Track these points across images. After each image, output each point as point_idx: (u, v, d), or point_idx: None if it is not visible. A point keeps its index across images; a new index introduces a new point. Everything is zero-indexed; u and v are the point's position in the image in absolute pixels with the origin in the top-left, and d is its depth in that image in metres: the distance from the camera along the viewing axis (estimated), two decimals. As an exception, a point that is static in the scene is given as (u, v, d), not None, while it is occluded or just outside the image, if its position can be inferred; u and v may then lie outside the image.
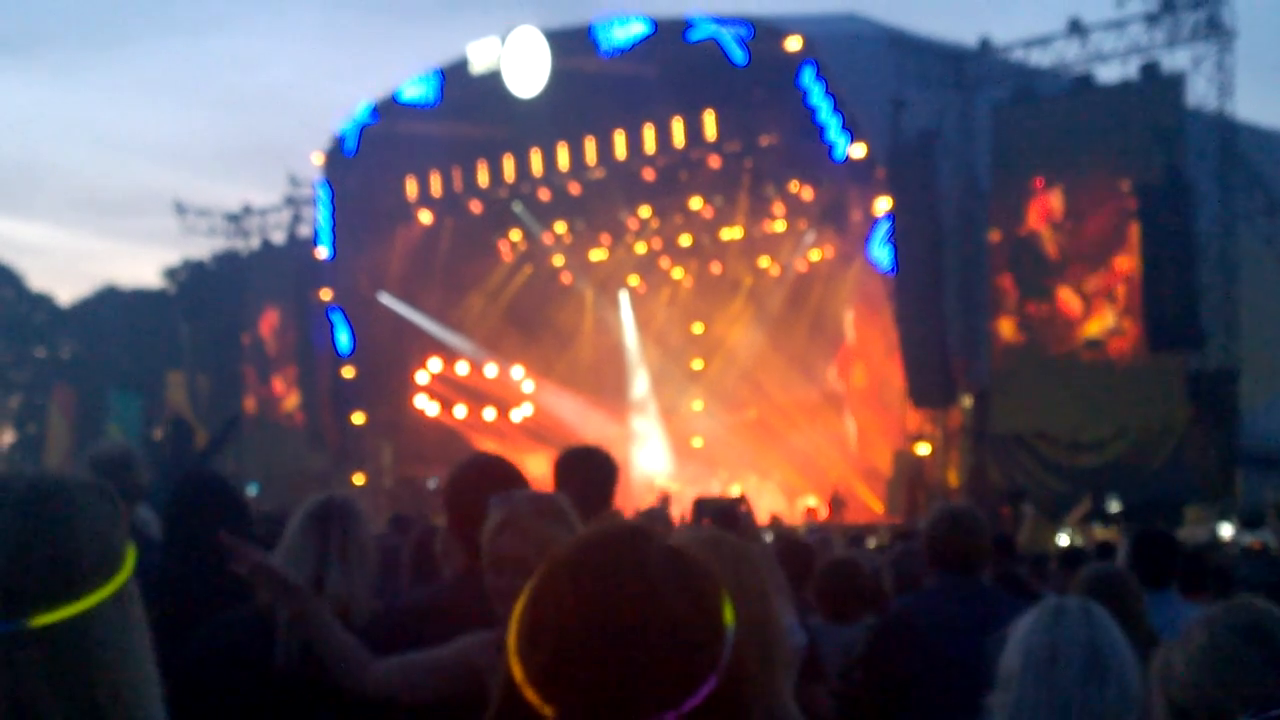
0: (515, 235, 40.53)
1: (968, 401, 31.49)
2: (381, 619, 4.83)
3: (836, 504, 33.08)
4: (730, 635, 2.05)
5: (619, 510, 6.42)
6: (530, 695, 1.98)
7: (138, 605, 2.36)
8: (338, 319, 39.87)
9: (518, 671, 2.00)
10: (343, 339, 39.95)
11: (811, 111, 30.86)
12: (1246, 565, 15.23)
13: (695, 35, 32.39)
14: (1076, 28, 30.44)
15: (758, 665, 3.64)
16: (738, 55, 31.69)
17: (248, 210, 46.19)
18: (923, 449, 31.88)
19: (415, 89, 37.26)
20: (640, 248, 39.44)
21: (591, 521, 6.36)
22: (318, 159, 39.97)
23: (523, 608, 2.05)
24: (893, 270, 30.61)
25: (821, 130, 30.88)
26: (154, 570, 5.93)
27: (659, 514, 10.27)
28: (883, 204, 30.79)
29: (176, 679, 2.23)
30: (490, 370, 41.29)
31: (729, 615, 2.06)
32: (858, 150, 30.69)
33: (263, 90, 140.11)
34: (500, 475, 4.92)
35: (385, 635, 4.50)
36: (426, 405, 41.34)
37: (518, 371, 41.34)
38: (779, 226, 36.89)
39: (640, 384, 41.36)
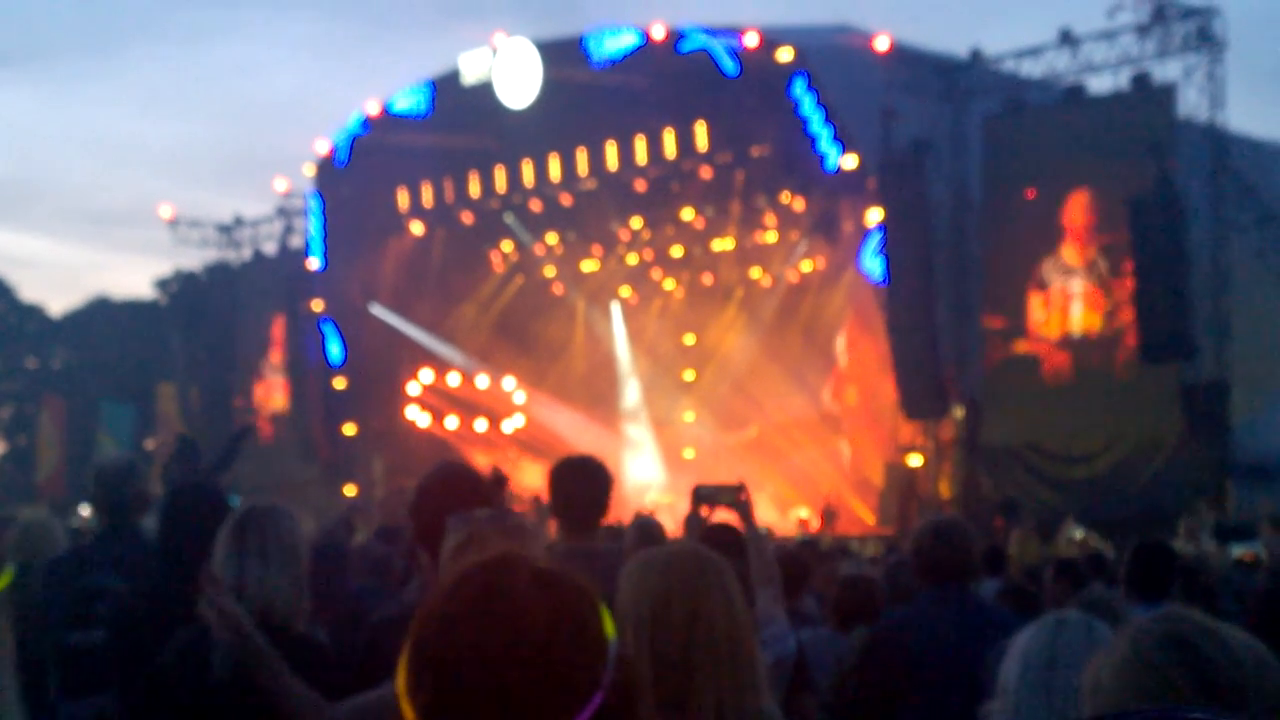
0: (507, 246, 40.51)
1: (959, 413, 31.50)
2: (378, 625, 4.86)
3: (829, 515, 33.05)
4: (613, 650, 2.06)
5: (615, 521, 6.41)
6: None
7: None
8: (329, 330, 39.83)
9: (407, 712, 2.03)
10: (334, 350, 39.91)
11: (803, 122, 30.89)
12: (1238, 577, 15.24)
13: (686, 46, 32.41)
14: (1067, 38, 30.46)
15: (716, 672, 3.65)
16: (729, 66, 31.72)
17: (239, 221, 46.17)
18: (915, 460, 31.87)
19: (407, 100, 37.26)
20: (632, 259, 39.46)
21: (588, 531, 6.35)
22: (309, 170, 39.94)
23: (406, 650, 2.08)
24: (884, 281, 30.62)
25: (813, 141, 30.91)
26: (148, 579, 5.94)
27: (647, 523, 10.22)
28: (874, 215, 30.81)
29: (136, 692, 2.23)
30: (482, 381, 41.28)
31: (609, 629, 2.07)
32: (849, 161, 30.71)
33: (255, 101, 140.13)
34: (464, 486, 4.91)
35: (385, 639, 4.53)
36: (418, 416, 41.32)
37: (509, 382, 41.32)
38: (770, 237, 36.88)
39: (632, 395, 41.37)
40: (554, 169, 35.86)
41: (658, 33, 32.82)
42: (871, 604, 8.63)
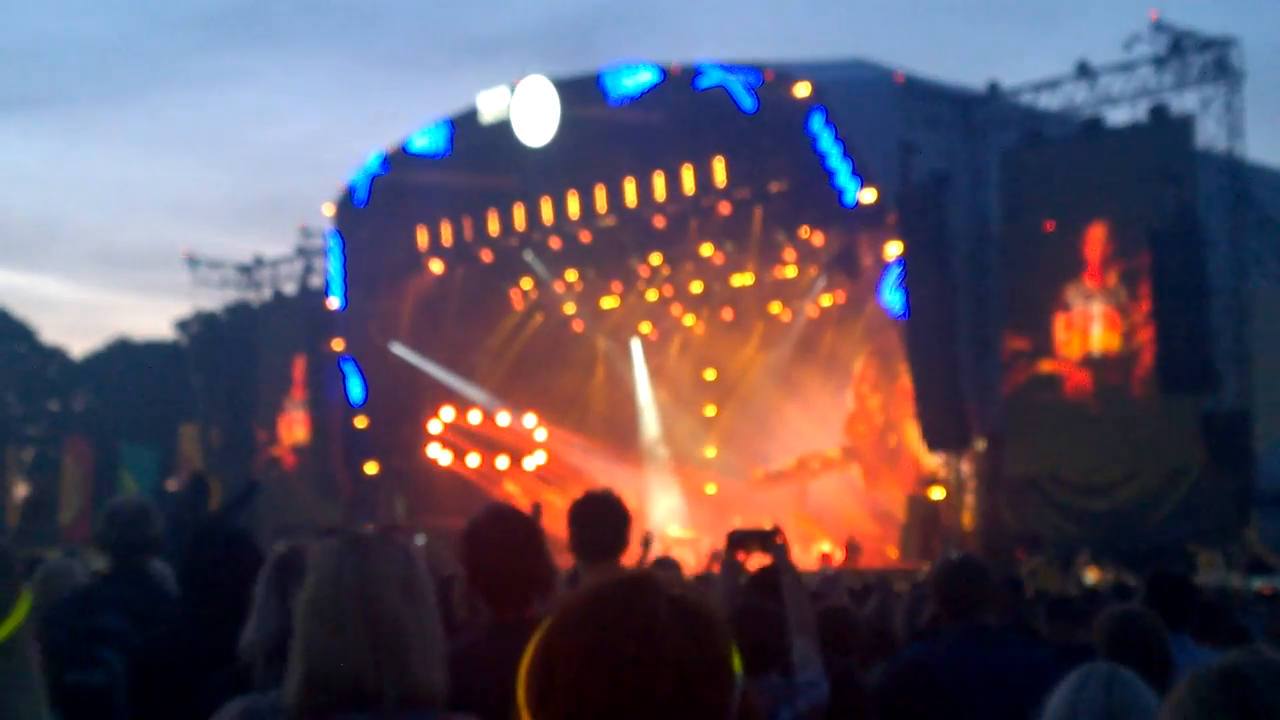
0: (526, 284, 40.57)
1: (981, 445, 31.44)
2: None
3: (852, 549, 32.97)
4: (739, 681, 2.05)
5: (622, 563, 6.41)
6: None
7: (22, 664, 2.28)
8: (350, 369, 39.88)
9: None
10: (355, 389, 39.96)
11: (821, 157, 30.91)
12: (1262, 610, 15.17)
13: (704, 83, 32.47)
14: (1085, 70, 30.49)
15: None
16: (746, 102, 31.78)
17: (259, 261, 46.34)
18: (937, 493, 31.81)
19: (425, 139, 37.38)
20: (651, 295, 39.48)
21: (603, 568, 6.35)
22: (328, 210, 40.05)
23: (530, 663, 2.05)
24: (905, 315, 30.58)
25: (831, 176, 30.93)
26: (168, 622, 5.93)
27: (669, 562, 10.23)
28: (894, 248, 30.80)
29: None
30: (503, 419, 41.27)
31: (737, 661, 2.06)
32: (868, 195, 30.72)
33: (274, 143, 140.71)
34: (519, 530, 4.90)
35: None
36: (439, 454, 41.32)
37: (530, 420, 41.30)
38: (790, 272, 36.88)
39: (652, 431, 41.32)
40: (573, 206, 35.93)
41: (675, 70, 32.92)
42: (849, 635, 8.52)
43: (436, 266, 39.96)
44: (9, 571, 2.26)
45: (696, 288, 38.78)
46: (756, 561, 6.85)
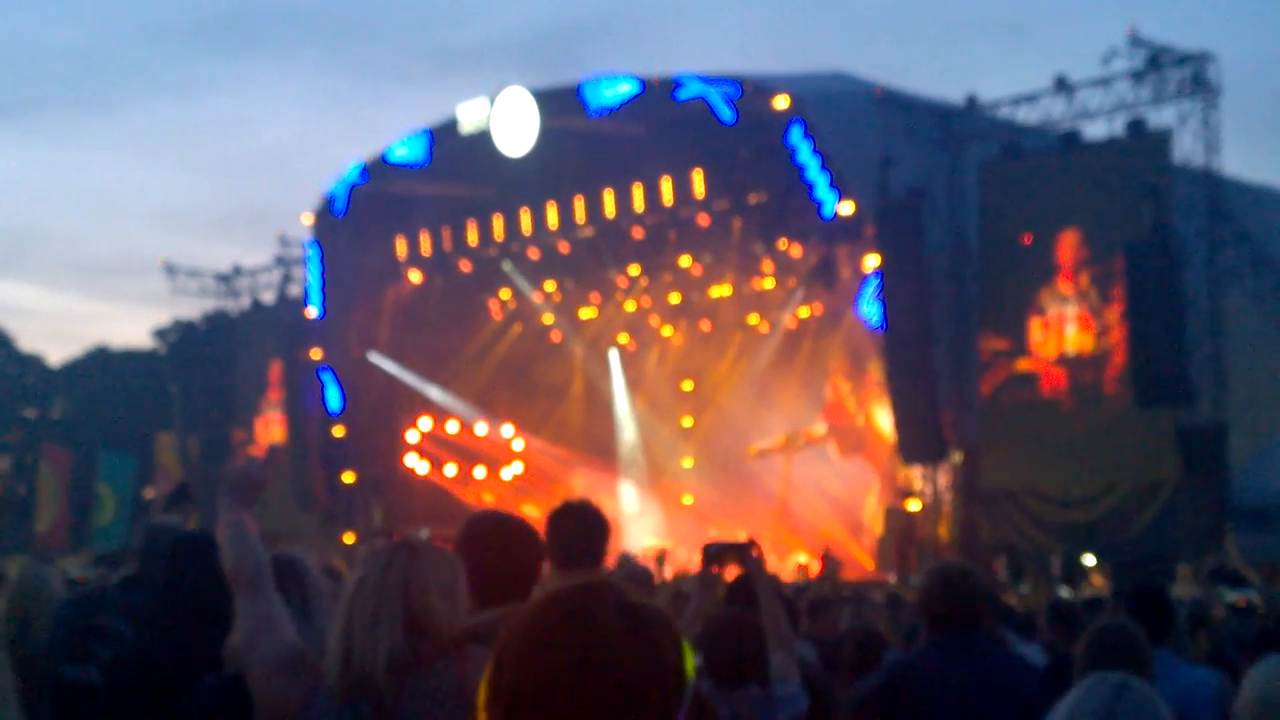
0: (505, 294, 40.55)
1: (958, 457, 31.50)
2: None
3: (829, 561, 33.00)
4: (691, 683, 2.08)
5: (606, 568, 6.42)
6: None
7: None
8: (328, 378, 39.80)
9: None
10: (333, 398, 39.87)
11: (799, 169, 30.97)
12: (1236, 623, 15.20)
13: (683, 94, 32.49)
14: (1063, 85, 30.56)
15: None
16: (726, 114, 31.81)
17: (238, 270, 46.29)
18: (914, 505, 31.85)
19: (404, 149, 37.35)
20: (630, 306, 39.50)
21: (579, 577, 6.36)
22: (307, 219, 39.98)
23: (489, 675, 2.09)
24: (882, 326, 30.62)
25: (810, 188, 30.98)
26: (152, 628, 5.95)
27: (637, 570, 10.24)
28: (871, 261, 30.84)
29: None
30: (480, 429, 41.26)
31: (689, 664, 2.09)
32: (846, 208, 30.78)
33: (252, 152, 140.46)
34: (518, 536, 4.91)
35: None
36: (417, 464, 41.28)
37: (508, 430, 41.29)
38: (768, 284, 36.92)
39: (630, 441, 41.34)
40: (552, 217, 35.94)
41: (654, 81, 32.94)
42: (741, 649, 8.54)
43: (415, 276, 39.95)
44: None
45: (675, 299, 38.80)
46: (733, 572, 6.86)
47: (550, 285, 39.56)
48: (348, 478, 40.27)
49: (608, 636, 2.04)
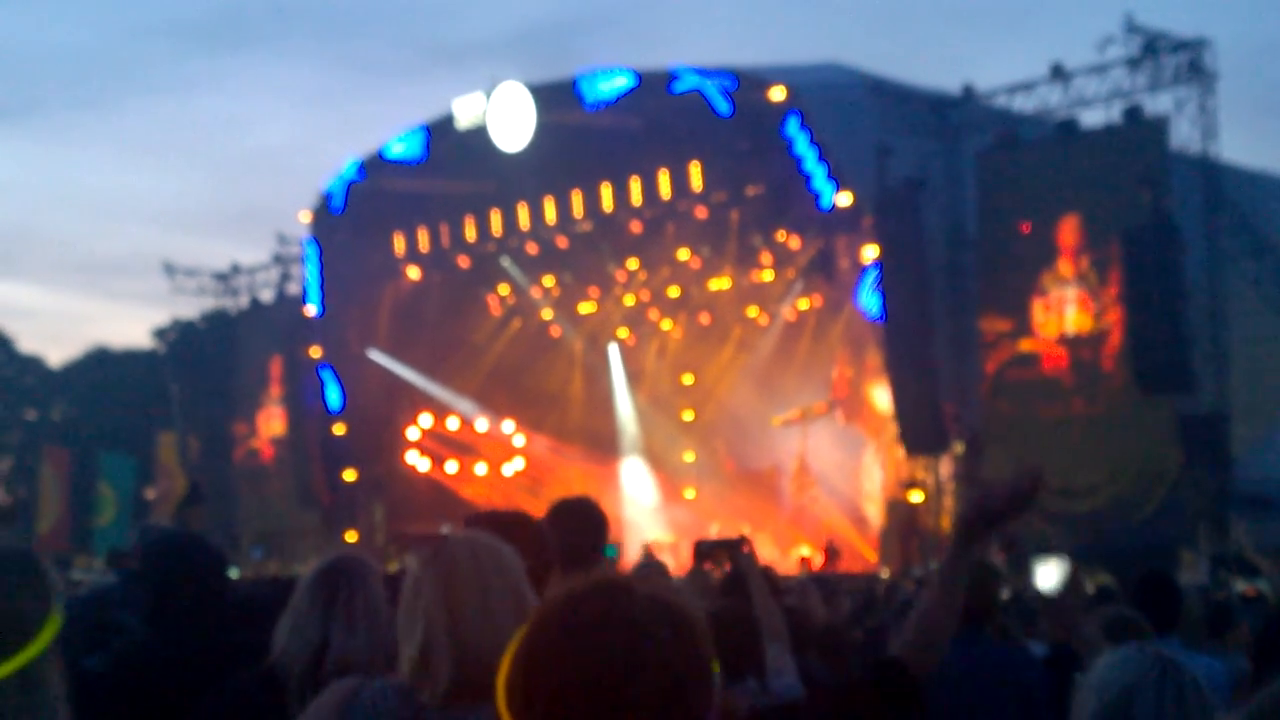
0: (503, 289, 40.53)
1: (959, 448, 31.45)
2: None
3: (831, 553, 32.98)
4: (718, 679, 2.05)
5: (607, 563, 6.40)
6: None
7: (45, 686, 2.17)
8: (327, 376, 39.76)
9: None
10: (333, 396, 39.84)
11: (797, 161, 30.94)
12: (1244, 613, 15.14)
13: (679, 87, 32.46)
14: (1059, 73, 30.53)
15: None
16: (722, 106, 31.78)
17: (236, 269, 46.23)
18: (916, 497, 31.80)
19: (401, 145, 37.31)
20: (629, 300, 39.45)
21: (580, 574, 6.33)
22: (305, 217, 39.94)
23: (511, 668, 2.04)
24: (882, 317, 30.58)
25: (807, 179, 30.96)
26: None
27: (654, 566, 10.21)
28: (870, 251, 30.81)
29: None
30: (481, 425, 41.24)
31: (715, 660, 2.06)
32: (844, 199, 30.76)
33: (250, 150, 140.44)
34: (524, 534, 4.87)
35: None
36: (418, 461, 41.26)
37: (508, 425, 41.28)
38: (767, 276, 36.87)
39: (631, 436, 41.31)
40: (549, 212, 35.92)
41: (650, 74, 32.91)
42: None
43: (414, 273, 39.93)
44: (37, 585, 2.10)
45: (674, 292, 38.74)
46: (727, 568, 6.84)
47: (549, 280, 39.52)
48: (349, 476, 40.24)
49: (646, 632, 2.01)
